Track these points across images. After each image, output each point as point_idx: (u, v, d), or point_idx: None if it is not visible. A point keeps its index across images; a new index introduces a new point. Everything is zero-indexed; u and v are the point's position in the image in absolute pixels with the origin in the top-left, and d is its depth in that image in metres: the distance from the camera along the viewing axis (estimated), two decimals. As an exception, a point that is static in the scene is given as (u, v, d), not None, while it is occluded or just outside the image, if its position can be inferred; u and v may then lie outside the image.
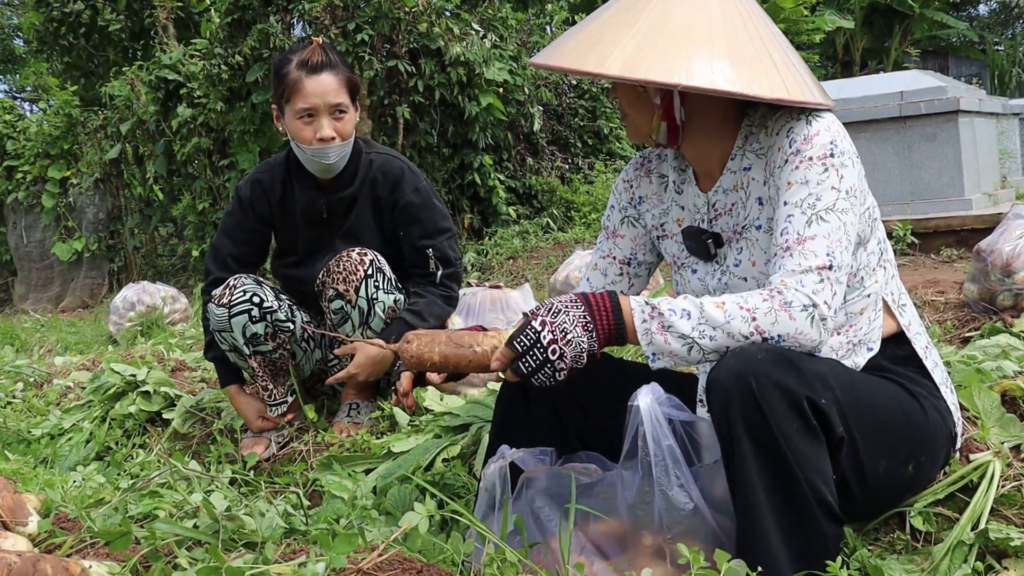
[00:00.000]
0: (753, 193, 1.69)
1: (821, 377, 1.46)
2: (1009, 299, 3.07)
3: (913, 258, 5.58)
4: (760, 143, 1.68)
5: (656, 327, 1.49)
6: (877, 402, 1.55)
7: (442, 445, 2.37)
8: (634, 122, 1.72)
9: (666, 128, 1.69)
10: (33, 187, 9.92)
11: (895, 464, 1.57)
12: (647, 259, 1.95)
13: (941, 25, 21.11)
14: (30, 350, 5.73)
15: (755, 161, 1.69)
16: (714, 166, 1.75)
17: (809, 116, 1.60)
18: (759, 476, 1.41)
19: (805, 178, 1.55)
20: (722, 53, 1.54)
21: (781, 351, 1.45)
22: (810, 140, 1.57)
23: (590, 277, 1.97)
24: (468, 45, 7.35)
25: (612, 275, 1.94)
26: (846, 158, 1.57)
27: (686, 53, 1.53)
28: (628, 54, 1.52)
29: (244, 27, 7.63)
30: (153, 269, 9.70)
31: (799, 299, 1.48)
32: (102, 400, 3.25)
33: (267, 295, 2.65)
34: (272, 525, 1.74)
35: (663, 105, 1.66)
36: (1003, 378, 2.12)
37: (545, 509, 1.57)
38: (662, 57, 1.51)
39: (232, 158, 7.92)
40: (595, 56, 1.54)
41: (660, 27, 1.55)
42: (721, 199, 1.74)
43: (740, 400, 1.41)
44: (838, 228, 1.52)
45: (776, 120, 1.65)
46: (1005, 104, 7.58)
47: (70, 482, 2.39)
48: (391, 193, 2.71)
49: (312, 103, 2.55)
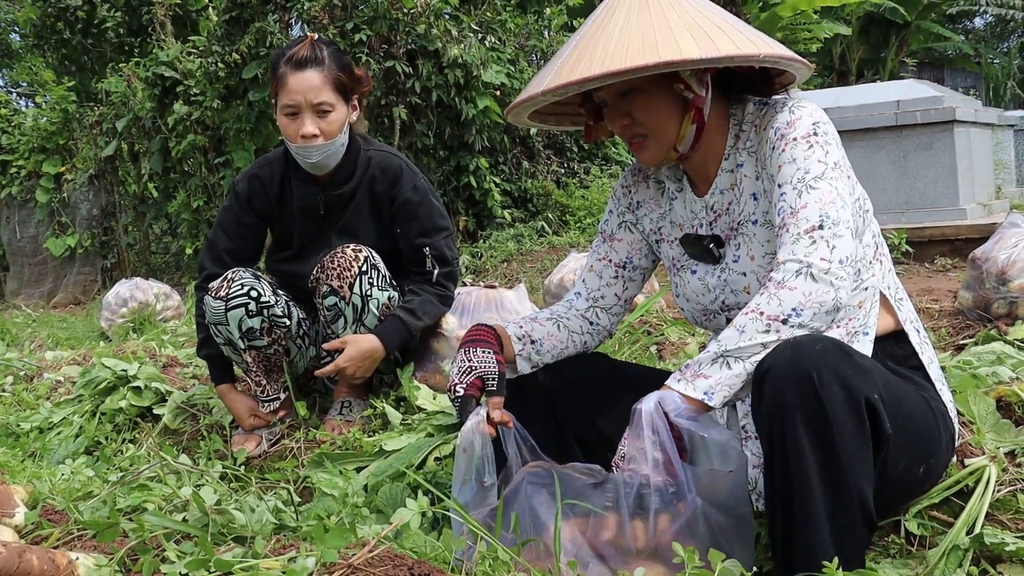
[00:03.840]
0: (746, 189, 1.70)
1: (871, 370, 1.46)
2: (1004, 307, 3.08)
3: (908, 267, 5.58)
4: (751, 140, 1.70)
5: (690, 375, 1.50)
6: (907, 401, 1.55)
7: (434, 444, 2.35)
8: (658, 135, 1.68)
9: (694, 132, 1.67)
10: (27, 182, 9.88)
11: (911, 464, 1.57)
12: (642, 264, 1.95)
13: (937, 37, 21.21)
14: (21, 345, 5.70)
15: (747, 159, 1.70)
16: (710, 169, 1.75)
17: (791, 106, 1.63)
18: (816, 471, 1.40)
19: (792, 157, 1.58)
20: (726, 30, 1.57)
21: (836, 342, 1.44)
22: (793, 124, 1.60)
23: (585, 278, 1.97)
24: (466, 47, 7.34)
25: (607, 278, 1.95)
26: (830, 137, 1.60)
27: (720, 33, 1.55)
28: (674, 42, 1.51)
29: (242, 25, 7.63)
30: (146, 266, 9.67)
31: (789, 269, 1.48)
32: (92, 395, 3.22)
33: (265, 289, 2.63)
34: (262, 520, 1.73)
35: (693, 104, 1.64)
36: (998, 384, 2.12)
37: (542, 506, 1.55)
38: (705, 37, 1.52)
39: (228, 156, 7.90)
40: (638, 52, 1.51)
41: (675, 20, 1.56)
42: (718, 200, 1.75)
43: (799, 393, 1.39)
44: (829, 191, 1.53)
45: (763, 117, 1.68)
46: (1001, 115, 7.61)
47: (58, 475, 2.37)
48: (389, 190, 2.70)
49: (295, 100, 2.53)
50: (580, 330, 1.92)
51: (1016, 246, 3.13)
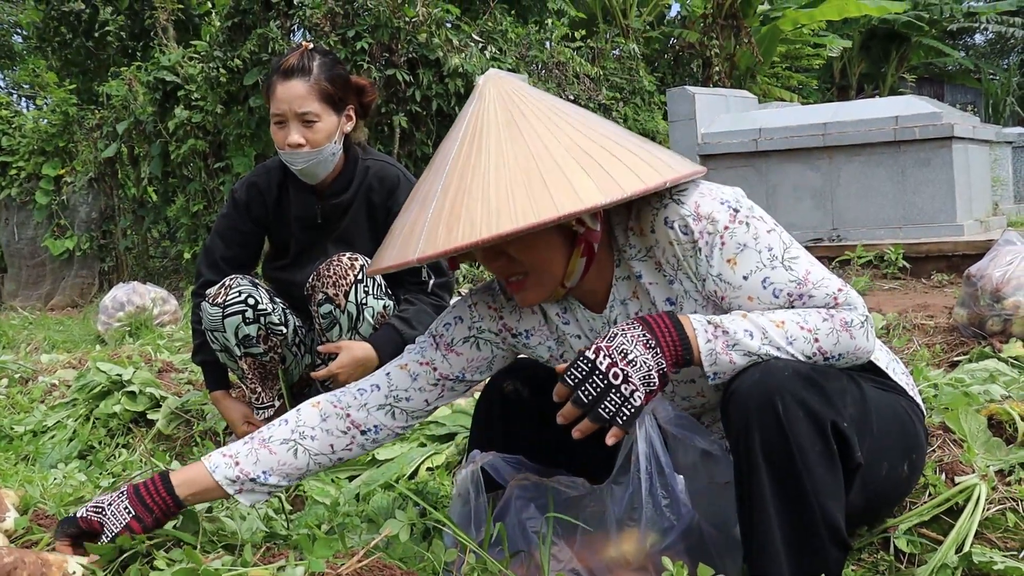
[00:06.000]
0: (658, 297, 1.57)
1: (841, 396, 1.43)
2: (998, 324, 3.08)
3: (904, 282, 5.60)
4: (636, 246, 1.57)
5: (721, 347, 1.41)
6: (880, 406, 1.54)
7: (426, 454, 2.36)
8: (542, 274, 1.53)
9: (583, 264, 1.54)
10: (27, 184, 9.87)
11: (893, 465, 1.56)
12: (475, 378, 1.76)
13: (937, 53, 21.28)
14: (17, 347, 5.70)
15: (642, 266, 1.57)
16: (601, 286, 1.62)
17: (673, 197, 1.49)
18: (772, 497, 1.38)
19: (741, 244, 1.47)
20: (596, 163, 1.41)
21: (808, 368, 1.41)
22: (699, 218, 1.47)
23: (391, 372, 1.72)
24: (467, 57, 7.37)
25: (423, 383, 1.71)
26: (743, 205, 1.50)
27: (614, 162, 1.41)
28: (568, 187, 1.35)
29: (244, 31, 7.65)
30: (144, 270, 9.66)
31: (856, 317, 1.45)
32: (87, 399, 3.23)
33: (262, 297, 2.64)
34: (252, 528, 1.73)
35: (584, 239, 1.51)
36: (990, 402, 2.13)
37: (532, 520, 1.56)
38: (601, 172, 1.38)
39: (227, 161, 7.92)
40: (529, 205, 1.33)
41: (536, 167, 1.39)
42: (621, 311, 1.62)
43: (761, 418, 1.37)
44: (807, 255, 1.50)
45: (640, 218, 1.54)
46: (999, 132, 7.64)
47: (51, 479, 2.37)
48: (386, 199, 2.71)
49: (281, 109, 2.55)
50: (330, 449, 1.67)
51: (1011, 264, 3.14)
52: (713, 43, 12.74)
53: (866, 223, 6.46)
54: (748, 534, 1.43)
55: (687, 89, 7.28)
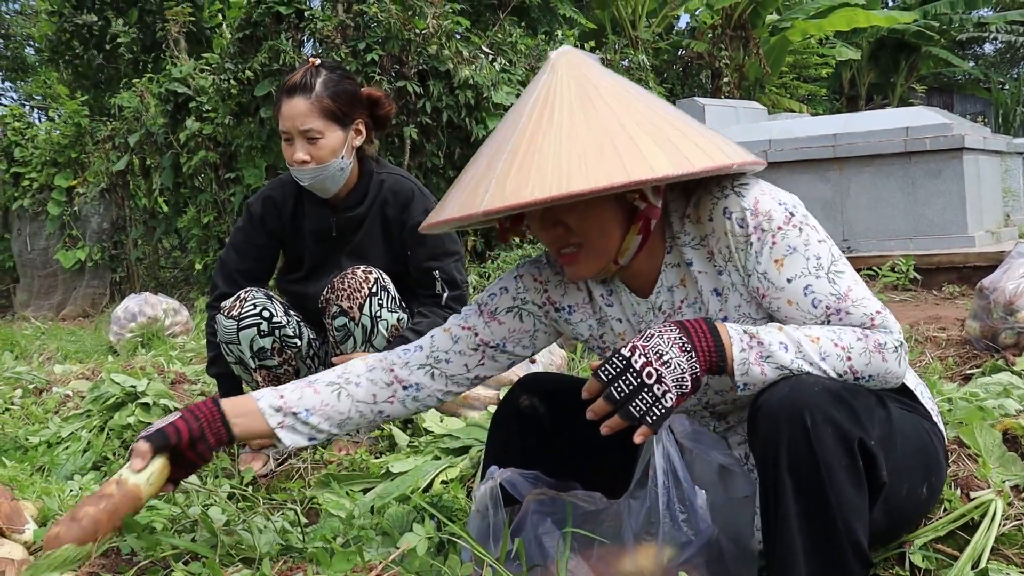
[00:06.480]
0: (705, 287, 1.59)
1: (869, 414, 1.43)
2: (1011, 337, 3.08)
3: (915, 293, 5.59)
4: (690, 233, 1.59)
5: (755, 357, 1.41)
6: (905, 428, 1.54)
7: (441, 467, 2.36)
8: (596, 248, 1.54)
9: (638, 243, 1.55)
10: (39, 195, 9.94)
11: (914, 486, 1.56)
12: (516, 352, 1.78)
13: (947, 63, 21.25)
14: (30, 357, 5.73)
15: (694, 254, 1.58)
16: (651, 270, 1.63)
17: (735, 188, 1.53)
18: (797, 513, 1.38)
19: (791, 247, 1.49)
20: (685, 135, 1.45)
21: (838, 385, 1.41)
22: (757, 213, 1.49)
23: (434, 335, 1.76)
24: (477, 68, 7.39)
25: (464, 346, 1.74)
26: (800, 211, 1.53)
27: (684, 140, 1.42)
28: (641, 157, 1.36)
29: (255, 43, 7.69)
30: (155, 281, 9.70)
31: (891, 340, 1.46)
32: (101, 410, 3.24)
33: (277, 310, 2.66)
34: (270, 541, 1.74)
35: (644, 215, 1.52)
36: (1005, 416, 2.12)
37: (548, 535, 1.56)
38: (672, 147, 1.40)
39: (238, 172, 7.95)
40: (599, 168, 1.33)
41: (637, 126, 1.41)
42: (667, 298, 1.63)
43: (790, 433, 1.37)
44: (852, 271, 1.51)
45: (699, 206, 1.56)
46: (1009, 142, 7.62)
47: (67, 491, 2.39)
48: (400, 213, 2.72)
49: (285, 127, 2.58)
50: (373, 399, 1.71)
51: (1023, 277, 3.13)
52: (722, 54, 12.76)
53: (876, 234, 6.46)
54: (771, 548, 1.43)
55: (697, 100, 7.30)
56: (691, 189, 1.58)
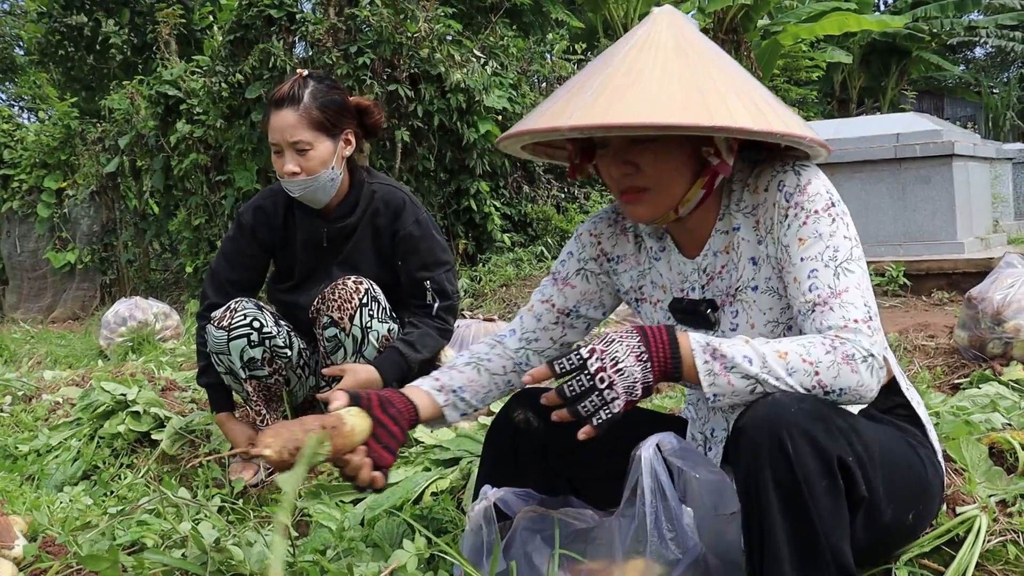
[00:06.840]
0: (744, 253, 1.64)
1: (846, 432, 1.44)
2: (999, 347, 3.09)
3: (905, 299, 5.61)
4: (745, 201, 1.64)
5: (719, 368, 1.44)
6: (891, 451, 1.54)
7: (431, 478, 2.36)
8: (662, 193, 1.59)
9: (701, 196, 1.61)
10: (28, 197, 9.91)
11: (899, 512, 1.57)
12: (590, 314, 1.87)
13: (937, 67, 21.34)
14: (19, 361, 5.72)
15: (743, 221, 1.64)
16: (703, 230, 1.69)
17: (795, 167, 1.58)
18: (784, 532, 1.39)
19: (817, 231, 1.53)
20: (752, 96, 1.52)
21: (815, 403, 1.42)
22: (804, 191, 1.55)
23: (523, 317, 1.88)
24: (469, 72, 7.40)
25: (546, 322, 1.86)
26: (841, 206, 1.58)
27: (765, 105, 1.49)
28: (725, 107, 1.42)
29: (246, 46, 7.68)
30: (145, 284, 9.68)
31: (859, 351, 1.45)
32: (91, 418, 3.23)
33: (267, 320, 2.66)
34: (260, 557, 1.74)
35: (713, 170, 1.57)
36: (991, 430, 2.13)
37: (538, 551, 1.56)
38: (755, 107, 1.45)
39: (229, 175, 7.95)
40: (686, 108, 1.40)
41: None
42: (711, 262, 1.69)
43: (770, 454, 1.38)
44: (863, 276, 1.52)
45: (759, 177, 1.62)
46: (999, 149, 7.66)
47: (56, 503, 2.38)
48: (392, 223, 2.73)
49: (275, 139, 2.58)
50: (503, 370, 1.85)
51: (1012, 286, 3.15)
52: (713, 57, 12.76)
53: (866, 240, 6.47)
54: (758, 565, 1.44)
55: (688, 105, 7.29)
56: (758, 161, 1.64)
